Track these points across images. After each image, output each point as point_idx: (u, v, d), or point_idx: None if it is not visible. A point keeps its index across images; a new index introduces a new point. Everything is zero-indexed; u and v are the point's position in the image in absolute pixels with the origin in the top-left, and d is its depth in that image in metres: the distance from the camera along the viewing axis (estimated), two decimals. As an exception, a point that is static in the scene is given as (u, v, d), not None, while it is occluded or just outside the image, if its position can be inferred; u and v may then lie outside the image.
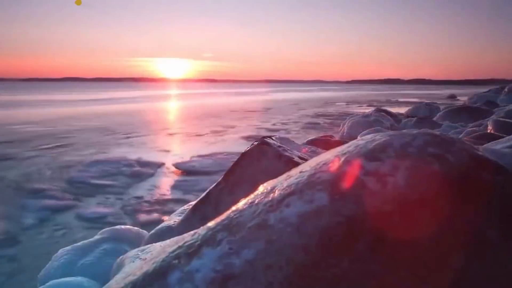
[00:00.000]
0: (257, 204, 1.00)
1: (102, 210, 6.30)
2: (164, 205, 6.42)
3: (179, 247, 0.95)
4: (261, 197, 1.03)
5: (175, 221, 2.43)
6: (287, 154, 2.15)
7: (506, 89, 23.78)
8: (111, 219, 5.71)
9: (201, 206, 2.28)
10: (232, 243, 0.89)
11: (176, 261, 0.90)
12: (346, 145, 1.17)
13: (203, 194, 2.39)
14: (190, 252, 0.91)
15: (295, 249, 0.86)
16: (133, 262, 1.62)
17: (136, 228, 4.04)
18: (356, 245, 0.88)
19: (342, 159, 1.04)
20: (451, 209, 0.96)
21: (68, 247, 3.80)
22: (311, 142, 6.02)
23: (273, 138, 2.48)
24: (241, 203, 1.07)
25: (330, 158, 1.08)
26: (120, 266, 1.73)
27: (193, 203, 2.76)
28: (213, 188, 2.33)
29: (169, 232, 2.30)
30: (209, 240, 0.93)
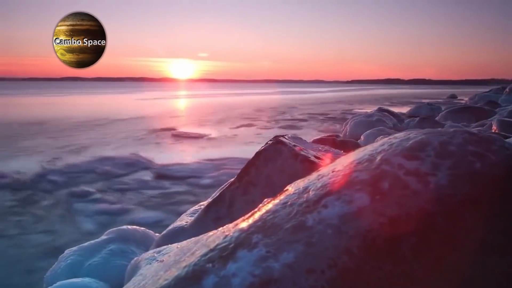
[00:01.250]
0: (291, 205, 0.96)
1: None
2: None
3: (211, 250, 0.91)
4: (294, 198, 0.99)
5: (187, 222, 2.38)
6: (303, 153, 2.11)
7: (507, 89, 23.77)
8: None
9: (214, 206, 2.24)
10: (269, 246, 0.85)
11: (210, 265, 0.85)
12: (378, 143, 1.13)
13: (216, 194, 2.34)
14: (224, 256, 0.87)
15: (337, 252, 0.82)
16: (150, 264, 1.57)
17: (142, 228, 4.00)
18: (400, 248, 0.84)
19: (379, 158, 0.99)
20: (495, 208, 0.92)
21: (75, 248, 3.76)
22: (317, 142, 5.97)
23: (286, 137, 2.44)
24: (272, 204, 1.03)
25: (364, 157, 1.04)
26: (136, 268, 1.68)
27: (204, 203, 2.71)
28: (226, 188, 2.28)
29: (182, 232, 2.25)
30: (244, 243, 0.88)
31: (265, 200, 1.32)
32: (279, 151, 2.13)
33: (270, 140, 2.26)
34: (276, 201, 1.04)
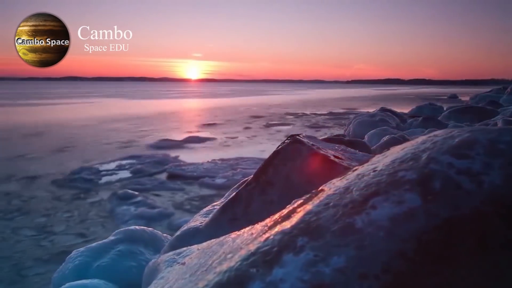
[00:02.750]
0: (334, 206, 0.91)
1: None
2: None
3: (252, 253, 0.86)
4: (337, 198, 0.94)
5: (201, 222, 2.33)
6: (322, 152, 2.06)
7: (509, 89, 23.76)
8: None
9: (230, 206, 2.19)
10: (316, 249, 0.80)
11: (254, 270, 0.80)
12: (418, 141, 1.08)
13: (232, 194, 2.29)
14: (268, 260, 0.82)
15: (391, 256, 0.77)
16: (171, 267, 1.52)
17: (150, 228, 3.95)
18: (457, 251, 0.79)
19: (425, 156, 0.94)
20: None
21: (82, 248, 3.70)
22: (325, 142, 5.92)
23: (301, 136, 2.39)
24: (312, 205, 0.98)
25: (407, 155, 0.99)
26: (155, 271, 1.63)
27: (217, 203, 2.66)
28: (243, 188, 2.23)
29: (197, 233, 2.20)
30: (288, 246, 0.83)
31: (295, 200, 1.27)
32: (298, 150, 2.08)
33: (287, 139, 2.21)
34: (315, 201, 0.99)
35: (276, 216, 1.28)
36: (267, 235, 0.95)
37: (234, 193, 2.27)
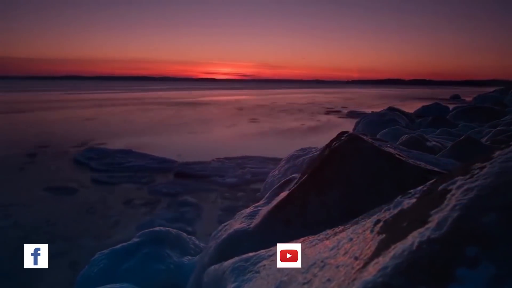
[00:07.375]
0: (493, 208, 0.78)
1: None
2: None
3: (409, 266, 0.72)
4: (490, 200, 0.81)
5: (248, 225, 2.19)
6: (386, 150, 1.92)
7: (513, 90, 23.67)
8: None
9: (283, 208, 2.05)
10: (496, 261, 0.67)
11: (424, 287, 0.67)
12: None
13: (283, 195, 2.15)
14: (437, 274, 0.69)
15: None
16: (243, 275, 1.37)
17: (175, 230, 3.80)
18: None
19: None
20: None
21: (106, 251, 3.54)
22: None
23: (355, 132, 2.26)
24: (454, 208, 0.84)
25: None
26: (221, 279, 1.48)
27: (259, 204, 2.52)
28: (295, 188, 2.09)
29: (247, 236, 2.06)
30: (455, 257, 0.70)
31: (400, 200, 1.14)
32: (358, 149, 1.94)
33: (343, 137, 2.07)
34: (453, 203, 0.86)
35: (374, 219, 1.14)
36: (401, 243, 0.81)
37: (286, 193, 2.13)
